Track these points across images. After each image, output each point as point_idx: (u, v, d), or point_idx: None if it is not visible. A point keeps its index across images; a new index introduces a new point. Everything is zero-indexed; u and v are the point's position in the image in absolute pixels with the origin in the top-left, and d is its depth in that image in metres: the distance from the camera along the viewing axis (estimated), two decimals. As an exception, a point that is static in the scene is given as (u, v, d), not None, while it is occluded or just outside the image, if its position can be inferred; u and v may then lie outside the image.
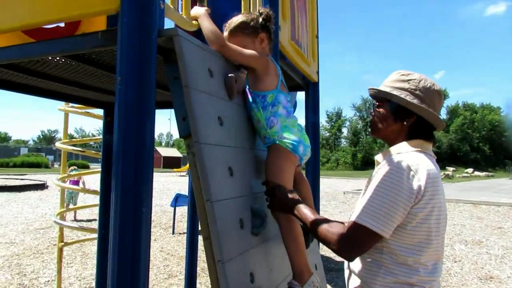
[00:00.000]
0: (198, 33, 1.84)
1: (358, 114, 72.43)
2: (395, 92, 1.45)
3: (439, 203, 1.36)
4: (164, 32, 1.46)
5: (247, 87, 1.82)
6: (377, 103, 1.54)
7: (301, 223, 1.53)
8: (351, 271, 1.53)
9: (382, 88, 1.51)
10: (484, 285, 4.98)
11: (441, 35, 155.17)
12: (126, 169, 1.31)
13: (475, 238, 8.03)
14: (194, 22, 1.78)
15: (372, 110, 1.56)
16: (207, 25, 1.70)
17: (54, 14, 1.55)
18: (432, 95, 1.45)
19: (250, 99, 1.79)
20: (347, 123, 74.31)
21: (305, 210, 1.47)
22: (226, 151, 1.58)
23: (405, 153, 1.40)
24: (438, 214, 1.36)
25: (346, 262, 1.58)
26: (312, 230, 1.42)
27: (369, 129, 1.62)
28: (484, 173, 48.64)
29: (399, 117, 1.46)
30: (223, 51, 1.71)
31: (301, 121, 2.12)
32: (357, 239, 1.30)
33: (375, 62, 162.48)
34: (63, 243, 4.31)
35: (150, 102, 1.36)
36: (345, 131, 74.97)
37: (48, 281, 4.62)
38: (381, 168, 1.36)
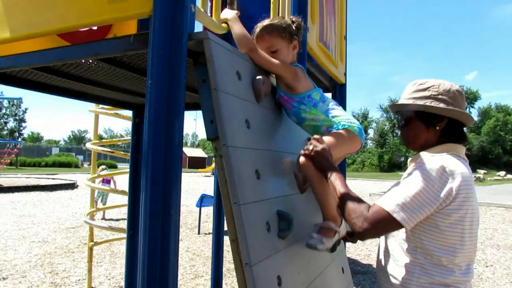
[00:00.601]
0: (226, 36, 1.86)
1: (385, 115, 71.14)
2: (419, 102, 1.49)
3: (472, 205, 1.38)
4: (195, 35, 1.47)
5: (284, 94, 1.82)
6: (404, 118, 1.57)
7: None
8: (384, 272, 1.53)
9: (404, 102, 1.54)
10: (517, 291, 4.82)
11: (473, 36, 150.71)
12: (155, 170, 1.34)
13: (508, 242, 7.76)
14: (223, 25, 1.80)
15: (400, 126, 1.60)
16: (237, 29, 1.71)
17: (88, 18, 1.60)
18: (454, 95, 1.50)
19: (295, 104, 1.80)
20: (374, 124, 73.16)
21: (338, 178, 1.49)
22: (253, 154, 1.58)
23: (439, 155, 1.42)
24: (471, 216, 1.38)
25: (378, 264, 1.60)
26: (340, 200, 1.43)
27: (404, 144, 1.66)
28: (517, 177, 46.71)
29: (431, 123, 1.50)
30: (252, 55, 1.72)
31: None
32: (378, 223, 1.32)
33: (403, 63, 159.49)
34: (93, 243, 4.43)
35: (179, 105, 1.38)
36: (371, 132, 73.81)
37: (79, 279, 4.74)
38: (416, 166, 1.39)
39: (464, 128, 1.54)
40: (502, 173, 49.47)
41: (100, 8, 1.53)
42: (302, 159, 1.62)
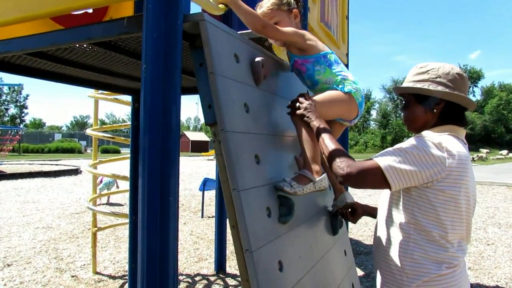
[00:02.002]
0: (225, 17, 1.81)
1: (388, 95, 70.63)
2: (419, 85, 1.50)
3: (467, 184, 1.39)
4: (190, 17, 1.43)
5: (298, 58, 1.81)
6: (405, 100, 1.59)
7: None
8: (380, 250, 1.55)
9: (406, 84, 1.56)
10: (517, 268, 4.84)
11: (476, 15, 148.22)
12: (152, 157, 1.31)
13: (509, 221, 7.79)
14: (220, 6, 1.74)
15: (402, 108, 1.61)
16: (243, 8, 1.65)
17: (81, 0, 1.54)
18: (453, 78, 1.49)
19: (310, 66, 1.79)
20: (376, 105, 72.72)
21: (326, 132, 1.51)
22: (253, 139, 1.54)
23: (439, 134, 1.44)
24: (466, 194, 1.39)
25: (375, 241, 1.62)
26: (325, 148, 1.45)
27: (405, 126, 1.65)
28: (520, 155, 46.69)
29: (428, 106, 1.51)
30: (265, 32, 1.69)
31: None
32: (365, 171, 1.34)
33: (407, 43, 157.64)
34: (96, 228, 4.45)
35: (175, 89, 1.34)
36: (374, 113, 73.47)
37: (84, 264, 4.78)
38: (415, 138, 1.41)
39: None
40: (505, 152, 49.36)
41: (92, -10, 1.48)
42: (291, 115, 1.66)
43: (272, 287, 1.39)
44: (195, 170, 18.95)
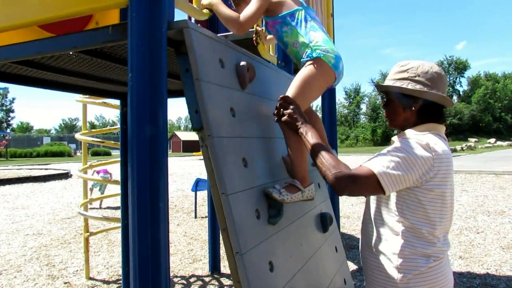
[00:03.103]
0: (213, 20, 1.81)
1: (377, 89, 70.96)
2: (398, 84, 1.54)
3: (451, 181, 1.46)
4: (174, 24, 1.44)
5: (268, 19, 1.76)
6: (385, 98, 1.62)
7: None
8: (368, 247, 1.59)
9: (386, 83, 1.59)
10: (506, 254, 4.95)
11: (462, 6, 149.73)
12: (141, 167, 1.33)
13: (498, 208, 7.94)
14: (205, 11, 1.75)
15: (383, 104, 1.64)
16: (221, 12, 1.67)
17: (64, 9, 1.54)
18: (432, 77, 1.52)
19: (278, 27, 1.74)
20: (366, 99, 73.13)
21: (313, 135, 1.51)
22: (240, 142, 1.57)
23: (423, 134, 1.47)
24: (451, 190, 1.46)
25: (363, 239, 1.65)
26: (315, 154, 1.45)
27: (387, 123, 1.69)
28: (506, 143, 47.60)
29: (407, 104, 1.54)
30: (244, 29, 1.67)
31: (317, 101, 2.12)
32: (359, 179, 1.35)
33: (394, 36, 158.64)
34: (88, 233, 4.43)
35: (162, 97, 1.36)
36: (363, 107, 73.90)
37: (77, 270, 4.73)
38: (402, 140, 1.45)
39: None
40: (492, 140, 50.19)
41: (75, -1, 1.48)
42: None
43: (264, 287, 1.42)
44: (187, 171, 18.92)
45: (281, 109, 1.60)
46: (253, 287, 1.35)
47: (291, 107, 1.58)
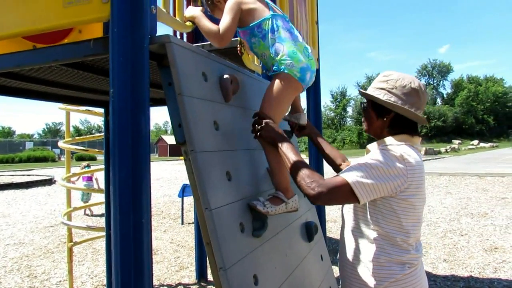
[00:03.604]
0: (197, 32, 1.80)
1: (362, 92, 71.70)
2: (375, 93, 1.57)
3: (423, 191, 1.50)
4: (156, 39, 1.43)
5: (239, 29, 1.75)
6: (365, 103, 1.67)
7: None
8: (345, 255, 1.62)
9: (368, 90, 1.62)
10: (489, 256, 5.04)
11: (445, 10, 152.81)
12: (122, 181, 1.31)
13: (481, 210, 8.09)
14: (188, 23, 1.75)
15: (362, 109, 1.69)
16: (203, 25, 1.66)
17: (43, 23, 1.52)
18: (408, 92, 1.54)
19: (248, 38, 1.73)
20: (352, 102, 73.85)
21: (289, 148, 1.53)
22: (223, 156, 1.57)
23: (396, 145, 1.51)
24: (423, 199, 1.51)
25: (341, 249, 1.69)
26: (292, 167, 1.47)
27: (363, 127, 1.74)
28: (489, 144, 48.60)
29: (380, 114, 1.58)
30: (225, 42, 1.65)
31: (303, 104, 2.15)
32: (334, 189, 1.38)
33: (379, 39, 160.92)
34: (72, 243, 4.35)
35: (144, 113, 1.35)
36: (350, 110, 74.59)
37: (60, 281, 4.62)
38: (378, 151, 1.49)
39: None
40: (475, 142, 51.21)
41: (55, 12, 1.46)
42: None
43: (248, 302, 1.42)
44: (174, 175, 18.77)
45: (256, 125, 1.62)
46: (237, 302, 1.34)
47: (265, 121, 1.60)
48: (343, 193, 1.39)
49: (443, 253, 5.24)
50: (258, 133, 1.60)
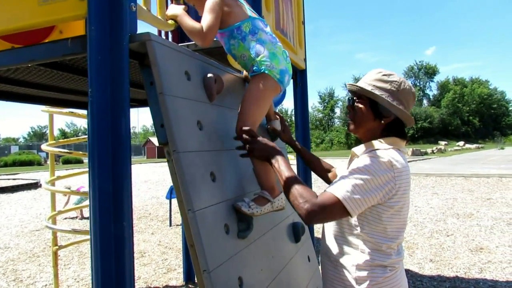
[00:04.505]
0: (181, 30, 1.77)
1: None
2: (377, 92, 1.51)
3: (408, 195, 1.48)
4: (137, 37, 1.40)
5: (219, 31, 1.73)
6: (357, 99, 1.58)
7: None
8: (327, 257, 1.60)
9: (364, 85, 1.54)
10: (474, 257, 5.08)
11: (432, 12, 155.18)
12: (102, 186, 1.28)
13: (467, 211, 8.16)
14: (170, 22, 1.72)
15: (350, 105, 1.60)
16: (185, 24, 1.63)
17: (18, 21, 1.48)
18: (408, 97, 1.53)
19: (226, 40, 1.72)
20: (340, 103, 74.38)
21: (283, 163, 1.50)
22: (207, 156, 1.54)
23: (384, 150, 1.47)
24: (407, 205, 1.49)
25: (322, 249, 1.67)
26: (285, 184, 1.44)
27: (347, 125, 1.67)
28: (474, 145, 49.35)
29: (378, 115, 1.53)
30: (208, 41, 1.63)
31: (289, 104, 2.16)
32: (326, 208, 1.35)
33: (367, 41, 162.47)
34: (57, 247, 4.28)
35: (124, 114, 1.31)
36: (338, 111, 75.10)
37: (46, 285, 4.56)
38: (364, 158, 1.44)
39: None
40: (461, 143, 51.97)
41: (30, 11, 1.42)
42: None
43: (233, 304, 1.39)
44: (162, 177, 18.62)
45: (247, 145, 1.58)
46: (221, 305, 1.32)
47: (254, 140, 1.56)
48: (336, 211, 1.36)
49: (429, 253, 5.28)
50: (250, 153, 1.57)
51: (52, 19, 1.42)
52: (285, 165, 1.49)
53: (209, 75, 1.69)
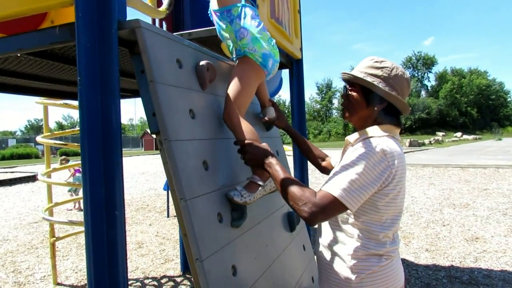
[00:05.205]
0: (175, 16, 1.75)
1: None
2: (369, 79, 1.49)
3: (404, 182, 1.47)
4: (126, 24, 1.38)
5: (213, 10, 1.79)
6: (349, 88, 1.57)
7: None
8: (322, 245, 1.59)
9: (356, 73, 1.53)
10: (470, 246, 5.12)
11: (430, 1, 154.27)
12: (93, 172, 1.27)
13: (463, 201, 8.20)
14: (161, 9, 1.70)
15: (344, 94, 1.59)
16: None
17: (4, 9, 1.45)
18: (401, 83, 1.51)
19: (217, 19, 1.78)
20: (338, 94, 74.27)
21: (277, 167, 1.49)
22: (200, 145, 1.53)
23: (378, 137, 1.45)
24: (403, 193, 1.47)
25: (317, 238, 1.66)
26: (282, 188, 1.43)
27: (341, 113, 1.65)
28: (472, 136, 49.51)
29: (371, 102, 1.51)
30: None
31: (286, 96, 2.14)
32: (326, 208, 1.34)
33: (364, 31, 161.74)
34: (54, 238, 4.29)
35: (114, 102, 1.30)
36: (335, 102, 75.03)
37: (44, 276, 4.59)
38: (358, 148, 1.42)
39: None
40: (459, 134, 52.11)
41: (18, -2, 1.39)
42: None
43: (226, 293, 1.39)
44: (159, 169, 18.61)
45: (243, 154, 1.58)
46: (214, 294, 1.32)
47: (248, 148, 1.56)
48: (336, 209, 1.35)
49: (425, 243, 5.31)
50: (247, 162, 1.57)
51: (38, 6, 1.40)
52: (279, 167, 1.47)
53: (202, 63, 1.67)
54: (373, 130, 1.49)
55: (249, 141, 1.58)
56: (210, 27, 2.10)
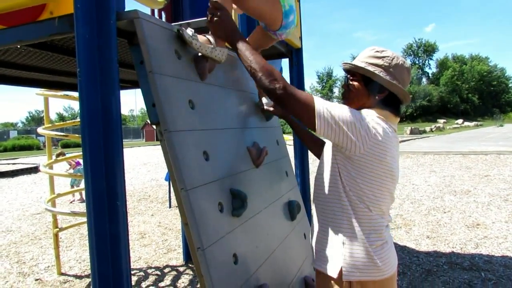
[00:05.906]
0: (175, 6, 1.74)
1: (348, 73, 72.07)
2: (370, 68, 1.51)
3: (392, 162, 1.46)
4: (124, 15, 1.37)
5: None
6: (350, 77, 1.59)
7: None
8: (318, 223, 1.60)
9: (357, 63, 1.55)
10: (471, 232, 5.15)
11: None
12: (94, 163, 1.28)
13: (464, 188, 8.23)
14: (160, -1, 1.69)
15: (345, 84, 1.61)
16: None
17: (4, 0, 1.45)
18: (402, 72, 1.53)
19: None
20: (338, 83, 74.00)
21: (245, 46, 1.47)
22: (200, 135, 1.53)
23: (376, 116, 1.49)
24: (391, 170, 1.46)
25: (313, 219, 1.67)
26: (252, 64, 1.42)
27: (342, 102, 1.65)
28: (473, 123, 49.44)
29: (372, 91, 1.53)
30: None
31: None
32: (301, 106, 1.37)
33: (365, 19, 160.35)
34: (57, 229, 4.33)
35: (113, 93, 1.30)
36: (336, 91, 74.78)
37: (48, 266, 4.65)
38: (359, 111, 1.47)
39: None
40: (460, 121, 52.02)
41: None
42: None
43: (227, 280, 1.42)
44: (161, 160, 18.64)
45: (211, 15, 1.53)
46: (216, 281, 1.34)
47: (220, 13, 1.52)
48: (303, 110, 1.37)
49: (426, 230, 5.34)
50: (211, 23, 1.53)
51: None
52: (247, 47, 1.46)
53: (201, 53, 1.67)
54: (376, 111, 1.51)
55: (224, 9, 1.53)
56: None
